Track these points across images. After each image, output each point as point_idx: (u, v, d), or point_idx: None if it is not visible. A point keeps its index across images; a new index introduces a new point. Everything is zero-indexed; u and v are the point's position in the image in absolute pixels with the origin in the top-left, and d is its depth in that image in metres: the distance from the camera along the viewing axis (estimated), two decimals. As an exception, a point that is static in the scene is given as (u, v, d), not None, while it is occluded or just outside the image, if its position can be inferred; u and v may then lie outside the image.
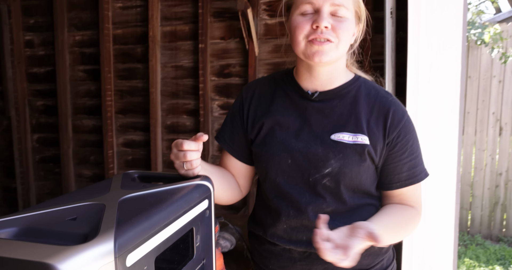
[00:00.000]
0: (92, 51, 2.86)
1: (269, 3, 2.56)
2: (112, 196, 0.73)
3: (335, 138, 0.94)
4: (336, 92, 0.98)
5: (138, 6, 2.76)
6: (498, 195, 3.97)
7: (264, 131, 1.00)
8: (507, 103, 3.85)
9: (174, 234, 0.69)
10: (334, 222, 0.93)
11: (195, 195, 0.79)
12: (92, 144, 2.93)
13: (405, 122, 0.96)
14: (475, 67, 3.89)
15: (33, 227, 0.59)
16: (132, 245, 0.58)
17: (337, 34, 0.89)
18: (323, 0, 0.88)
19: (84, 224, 0.60)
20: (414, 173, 0.98)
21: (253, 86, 1.07)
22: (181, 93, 2.78)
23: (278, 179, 0.98)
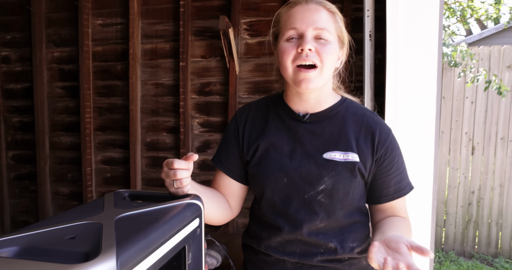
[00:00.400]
0: (71, 68, 2.85)
1: (249, 23, 2.63)
2: (107, 215, 0.75)
3: (327, 156, 1.00)
4: (325, 114, 1.04)
5: (118, 24, 2.79)
6: (471, 212, 4.11)
7: (260, 152, 1.05)
8: (479, 123, 4.03)
9: (169, 252, 0.72)
10: (325, 237, 1.01)
11: (187, 214, 0.82)
12: (70, 161, 2.89)
13: (390, 140, 1.04)
14: (449, 88, 4.07)
15: (33, 246, 0.61)
16: (132, 262, 0.60)
17: (321, 57, 0.95)
18: (306, 25, 0.95)
19: (84, 242, 0.62)
20: (401, 187, 1.05)
21: (246, 110, 1.12)
22: (161, 111, 2.79)
23: (275, 197, 1.03)
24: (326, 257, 1.02)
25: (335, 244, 1.02)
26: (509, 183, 3.99)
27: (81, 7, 2.71)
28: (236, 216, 2.73)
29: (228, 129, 1.13)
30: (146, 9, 2.74)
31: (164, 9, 2.72)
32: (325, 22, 0.96)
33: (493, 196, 4.05)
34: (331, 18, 0.99)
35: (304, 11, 0.96)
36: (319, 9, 0.97)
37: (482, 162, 4.05)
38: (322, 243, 1.02)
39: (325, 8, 0.98)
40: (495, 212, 4.06)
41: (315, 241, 1.02)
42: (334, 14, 1.00)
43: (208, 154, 2.76)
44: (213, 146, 2.75)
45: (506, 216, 4.03)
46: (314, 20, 0.95)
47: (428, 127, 1.87)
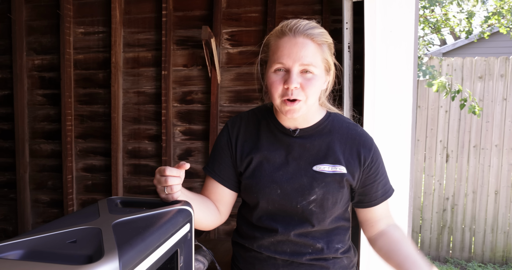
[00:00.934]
0: (52, 76, 2.85)
1: (231, 33, 2.69)
2: (104, 220, 0.78)
3: (317, 169, 1.08)
4: (313, 129, 1.11)
5: (100, 32, 2.80)
6: (446, 218, 4.25)
7: (254, 165, 1.11)
8: (453, 131, 4.19)
9: (163, 255, 0.76)
10: (314, 238, 1.11)
11: (179, 219, 0.86)
12: (50, 169, 2.87)
13: (374, 149, 1.12)
14: (424, 98, 4.22)
15: (37, 250, 0.64)
16: (133, 264, 0.64)
17: (305, 92, 1.01)
18: (292, 61, 1.00)
19: (85, 246, 0.66)
20: (386, 189, 1.15)
21: (237, 122, 1.18)
22: (143, 119, 2.81)
23: (269, 207, 1.10)
24: (313, 256, 1.11)
25: (322, 245, 1.11)
26: (481, 189, 4.15)
27: (63, 16, 2.72)
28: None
29: (220, 140, 1.18)
30: (128, 18, 2.76)
31: (146, 18, 2.75)
32: (311, 58, 1.00)
33: (466, 202, 4.20)
34: (318, 51, 1.02)
35: (292, 46, 1.00)
36: (306, 44, 1.00)
37: (456, 169, 4.21)
38: (311, 243, 1.10)
39: (312, 41, 1.01)
40: (468, 217, 4.21)
41: (304, 242, 1.10)
42: (321, 45, 1.03)
43: (190, 161, 2.78)
44: (195, 154, 2.78)
45: (479, 222, 4.18)
46: (301, 57, 0.99)
47: (405, 135, 1.96)
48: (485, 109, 4.11)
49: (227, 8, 2.67)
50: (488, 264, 4.10)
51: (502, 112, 4.08)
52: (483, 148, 4.12)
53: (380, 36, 1.93)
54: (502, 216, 4.13)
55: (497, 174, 4.11)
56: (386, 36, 1.94)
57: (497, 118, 4.09)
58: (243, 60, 2.70)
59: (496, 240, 4.15)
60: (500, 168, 4.10)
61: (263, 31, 2.63)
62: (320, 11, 2.55)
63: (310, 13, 2.58)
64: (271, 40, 1.06)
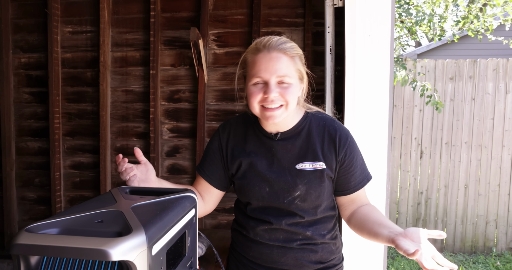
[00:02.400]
0: (39, 74, 2.88)
1: (217, 34, 2.79)
2: (122, 205, 0.88)
3: (299, 167, 1.20)
4: (293, 131, 1.23)
5: (88, 32, 2.85)
6: (420, 211, 4.48)
7: (244, 168, 1.24)
8: (427, 129, 4.42)
9: (176, 234, 0.86)
10: (303, 227, 1.24)
11: (187, 204, 0.97)
12: (38, 166, 2.90)
13: (349, 142, 1.23)
14: (400, 97, 4.43)
15: (71, 228, 0.73)
16: (156, 238, 0.74)
17: (285, 98, 1.13)
18: (269, 74, 1.12)
19: (113, 225, 0.76)
20: (360, 180, 1.27)
21: (227, 127, 1.31)
22: (131, 117, 2.88)
23: (260, 204, 1.24)
24: (304, 241, 1.24)
25: (311, 232, 1.24)
26: (452, 184, 4.40)
27: (51, 15, 2.75)
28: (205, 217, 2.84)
29: (212, 144, 1.32)
30: (117, 18, 2.83)
31: (134, 19, 2.82)
32: (286, 69, 1.13)
33: (439, 196, 4.44)
34: (291, 62, 1.15)
35: (267, 61, 1.12)
36: (279, 58, 1.12)
37: (429, 165, 4.43)
38: (301, 231, 1.24)
39: (285, 54, 1.13)
40: (440, 210, 4.44)
41: (295, 230, 1.24)
42: (293, 57, 1.16)
43: (177, 158, 2.88)
44: (182, 151, 2.87)
45: (450, 214, 4.42)
46: (276, 69, 1.11)
47: (382, 132, 2.10)
48: (456, 108, 4.35)
49: (213, 10, 2.77)
50: (458, 254, 4.35)
51: (471, 111, 4.33)
52: (454, 144, 4.36)
53: (360, 40, 2.07)
54: (471, 209, 4.38)
55: (466, 169, 4.36)
56: (365, 40, 2.08)
57: (466, 116, 4.34)
58: (229, 61, 2.80)
59: (466, 231, 4.40)
60: (469, 163, 4.35)
61: (248, 33, 2.74)
62: (303, 15, 2.68)
63: (293, 16, 2.71)
64: (248, 57, 1.18)
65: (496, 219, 4.37)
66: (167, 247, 0.81)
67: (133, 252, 0.67)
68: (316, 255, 1.25)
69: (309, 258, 1.24)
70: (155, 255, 0.74)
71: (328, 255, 1.27)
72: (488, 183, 4.36)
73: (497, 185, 4.35)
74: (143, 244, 0.70)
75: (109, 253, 0.64)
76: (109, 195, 0.98)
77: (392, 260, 4.17)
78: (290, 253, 1.24)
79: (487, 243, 4.39)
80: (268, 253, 1.25)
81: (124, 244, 0.67)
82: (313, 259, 1.25)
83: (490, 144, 4.33)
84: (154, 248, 0.74)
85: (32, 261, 0.72)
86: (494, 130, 4.32)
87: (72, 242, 0.66)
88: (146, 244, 0.70)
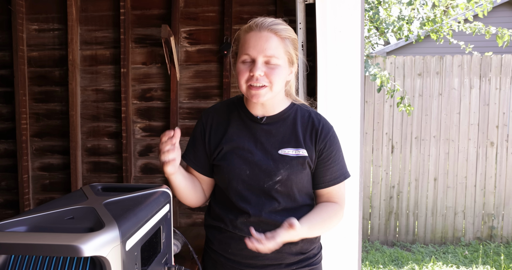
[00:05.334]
0: (4, 73, 2.78)
1: (189, 31, 2.77)
2: (93, 201, 0.86)
3: (282, 153, 1.20)
4: (279, 116, 1.23)
5: (55, 29, 2.78)
6: (392, 205, 4.57)
7: (225, 150, 1.23)
8: (397, 124, 4.51)
9: (151, 229, 0.86)
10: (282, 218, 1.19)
11: (161, 199, 0.96)
12: (4, 169, 2.80)
13: (330, 136, 1.24)
14: (371, 93, 4.51)
15: (40, 226, 0.72)
16: (129, 233, 0.74)
17: (270, 79, 1.13)
18: (257, 52, 1.12)
19: (84, 221, 0.74)
20: (336, 176, 1.26)
21: (211, 113, 1.29)
22: (102, 116, 2.82)
23: (239, 187, 1.21)
24: None
25: None
26: (423, 177, 4.52)
27: (15, 12, 2.66)
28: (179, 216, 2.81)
29: (195, 130, 1.30)
30: (85, 15, 2.76)
31: (103, 16, 2.76)
32: (274, 50, 1.12)
33: (410, 190, 4.55)
34: (281, 44, 1.14)
35: (257, 39, 1.12)
36: (269, 37, 1.12)
37: (400, 159, 4.54)
38: (280, 222, 1.18)
39: (276, 35, 1.13)
40: (412, 203, 4.56)
41: (274, 221, 1.21)
42: (284, 39, 1.15)
43: (150, 157, 2.84)
44: (155, 150, 2.83)
45: (421, 207, 4.54)
46: (264, 49, 1.11)
47: (354, 127, 2.14)
48: (424, 103, 4.47)
49: (185, 7, 2.75)
50: (429, 245, 4.47)
51: (439, 106, 4.46)
52: (423, 139, 4.48)
53: (331, 36, 2.10)
54: (441, 201, 4.51)
55: (435, 162, 4.49)
56: (336, 36, 2.11)
57: (434, 111, 4.47)
58: (201, 58, 2.79)
59: (436, 223, 4.53)
60: (438, 157, 4.48)
61: (220, 30, 2.74)
62: (274, 12, 2.70)
63: (264, 13, 2.68)
64: (241, 35, 1.18)
65: (463, 210, 4.52)
66: (141, 242, 0.80)
67: (106, 248, 0.66)
68: (296, 246, 1.23)
69: (290, 250, 1.23)
70: (129, 250, 0.73)
71: (309, 245, 1.27)
72: (456, 176, 4.50)
73: (464, 177, 4.50)
74: (116, 239, 0.69)
75: (81, 248, 0.63)
76: (80, 192, 0.97)
77: (366, 253, 4.25)
78: None
79: (455, 234, 4.54)
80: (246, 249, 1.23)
81: (96, 239, 0.66)
82: (294, 250, 1.23)
83: (457, 137, 4.47)
84: (128, 243, 0.73)
85: None
86: (460, 124, 4.46)
87: (42, 239, 0.64)
88: (119, 239, 0.69)
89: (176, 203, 2.71)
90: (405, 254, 4.18)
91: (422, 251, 4.27)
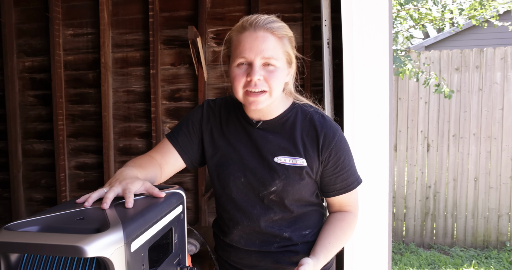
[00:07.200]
0: (43, 77, 2.92)
1: (216, 31, 2.79)
2: (106, 202, 0.88)
3: (278, 161, 1.11)
4: (276, 121, 1.14)
5: (89, 34, 2.88)
6: (428, 206, 4.41)
7: (220, 153, 1.16)
8: (433, 122, 4.35)
9: (160, 230, 0.87)
10: (280, 228, 1.16)
11: (173, 200, 0.97)
12: (43, 168, 2.95)
13: (335, 142, 1.12)
14: (404, 90, 4.37)
15: (51, 226, 0.74)
16: (135, 235, 0.75)
17: (269, 84, 1.04)
18: (254, 54, 1.02)
19: (93, 221, 0.76)
20: (347, 183, 1.16)
21: (212, 106, 1.21)
22: (133, 117, 2.90)
23: (233, 194, 1.15)
24: (282, 244, 1.16)
25: (288, 234, 1.16)
26: (462, 177, 4.33)
27: (52, 18, 2.78)
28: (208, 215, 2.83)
29: (193, 115, 1.20)
30: (116, 19, 2.85)
31: (133, 19, 2.84)
32: (272, 51, 1.03)
33: (447, 190, 4.37)
34: (279, 44, 1.04)
35: (253, 40, 1.02)
36: (266, 37, 1.03)
37: (436, 158, 4.37)
38: (277, 234, 1.16)
39: (272, 34, 1.03)
40: (450, 204, 4.38)
41: (271, 232, 1.15)
42: (282, 38, 1.05)
43: (181, 157, 2.89)
44: (185, 149, 2.88)
45: (460, 208, 4.36)
46: (262, 50, 1.02)
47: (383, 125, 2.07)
48: (463, 100, 4.28)
49: (211, 8, 2.77)
50: (470, 249, 4.28)
51: (479, 102, 4.26)
52: (462, 137, 4.30)
53: (357, 32, 2.04)
54: (482, 202, 4.31)
55: (476, 161, 4.29)
56: (363, 31, 2.05)
57: (474, 108, 4.27)
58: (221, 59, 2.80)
59: (477, 225, 4.33)
60: (479, 155, 4.28)
61: (247, 30, 2.73)
62: (301, 9, 2.67)
63: (291, 11, 2.70)
64: (233, 36, 1.08)
65: (508, 212, 4.29)
66: (149, 243, 0.81)
67: (109, 249, 0.67)
68: (297, 256, 1.15)
69: (290, 260, 1.16)
70: (135, 251, 0.74)
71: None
72: (499, 176, 4.28)
73: (508, 177, 4.27)
74: (120, 240, 0.70)
75: (84, 249, 0.64)
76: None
77: (401, 255, 4.13)
78: (269, 257, 1.17)
79: (500, 238, 4.31)
80: (246, 258, 1.19)
81: (100, 240, 0.67)
82: (294, 260, 1.15)
83: (500, 135, 4.25)
84: (133, 244, 0.74)
85: (12, 258, 0.73)
86: (504, 121, 4.24)
87: (48, 239, 0.66)
88: (123, 241, 0.70)
89: (205, 202, 2.74)
90: (442, 257, 4.03)
91: (462, 255, 4.09)
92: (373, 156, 2.00)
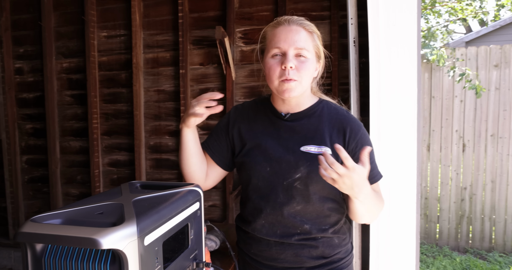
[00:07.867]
0: (79, 77, 3.05)
1: (244, 31, 2.82)
2: (125, 198, 0.93)
3: (304, 149, 1.18)
4: (304, 114, 1.23)
5: (122, 35, 2.98)
6: (464, 208, 4.24)
7: (248, 146, 1.25)
8: (469, 121, 4.19)
9: (175, 226, 0.90)
10: (302, 219, 1.20)
11: (189, 197, 1.00)
12: (79, 164, 3.08)
13: (361, 135, 1.20)
14: (438, 88, 4.23)
15: (72, 219, 0.79)
16: (148, 229, 0.78)
17: (300, 73, 1.14)
18: (288, 45, 1.13)
19: (110, 216, 0.81)
20: (372, 175, 1.20)
21: (239, 109, 1.33)
22: (163, 115, 2.98)
23: (259, 183, 1.22)
24: (302, 236, 1.21)
25: (309, 226, 1.20)
26: (501, 179, 4.15)
27: (87, 21, 2.91)
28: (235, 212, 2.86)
29: (222, 121, 1.34)
30: (147, 21, 2.93)
31: (164, 20, 2.91)
32: (304, 42, 1.14)
33: (485, 192, 4.20)
34: (310, 37, 1.16)
35: (287, 32, 1.14)
36: (299, 30, 1.15)
37: (473, 158, 4.21)
38: (299, 225, 1.20)
39: (304, 29, 1.16)
40: (487, 207, 4.20)
41: (292, 222, 1.20)
42: (312, 33, 1.18)
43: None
44: (213, 148, 2.93)
45: (499, 211, 4.17)
46: (295, 41, 1.13)
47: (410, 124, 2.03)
48: (502, 98, 4.10)
49: (239, 8, 2.80)
50: (511, 254, 4.09)
51: (519, 100, 4.07)
52: (501, 137, 4.12)
53: (384, 30, 2.01)
54: (522, 205, 4.11)
55: (515, 163, 4.10)
56: (390, 30, 2.02)
57: (514, 106, 4.08)
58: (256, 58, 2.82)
59: (517, 230, 4.14)
60: (519, 156, 4.09)
61: (274, 29, 2.74)
62: (329, 8, 2.65)
63: (319, 9, 2.69)
64: (268, 31, 1.20)
65: (552, 216, 4.08)
66: (164, 238, 0.85)
67: (123, 242, 0.71)
68: (316, 250, 1.21)
69: (310, 254, 1.21)
70: (148, 245, 0.78)
71: (331, 250, 1.23)
72: (542, 177, 4.08)
73: (551, 179, 4.06)
74: (133, 234, 0.74)
75: (99, 242, 0.69)
76: (118, 189, 1.04)
77: (433, 259, 4.02)
78: (289, 250, 1.22)
79: (542, 242, 4.11)
80: (267, 250, 1.23)
81: (115, 234, 0.71)
82: (314, 254, 1.22)
83: (542, 135, 4.04)
84: (146, 238, 0.78)
85: (38, 248, 0.79)
86: (546, 120, 4.03)
87: (68, 231, 0.71)
88: (137, 235, 0.74)
89: (232, 200, 2.78)
90: (478, 262, 3.88)
91: (501, 261, 3.92)
92: (400, 156, 1.97)
